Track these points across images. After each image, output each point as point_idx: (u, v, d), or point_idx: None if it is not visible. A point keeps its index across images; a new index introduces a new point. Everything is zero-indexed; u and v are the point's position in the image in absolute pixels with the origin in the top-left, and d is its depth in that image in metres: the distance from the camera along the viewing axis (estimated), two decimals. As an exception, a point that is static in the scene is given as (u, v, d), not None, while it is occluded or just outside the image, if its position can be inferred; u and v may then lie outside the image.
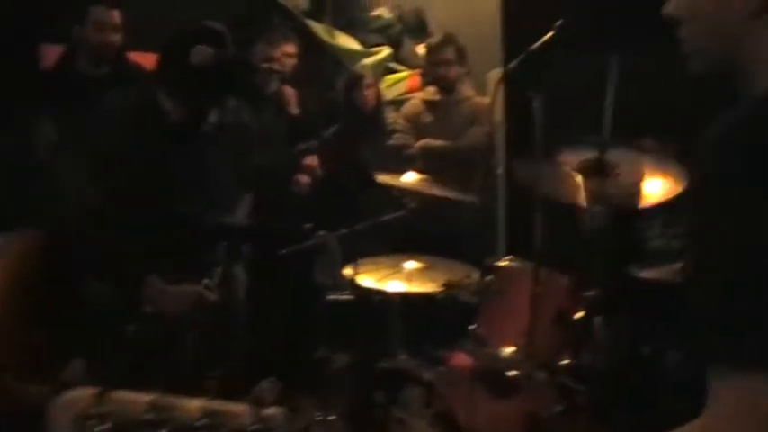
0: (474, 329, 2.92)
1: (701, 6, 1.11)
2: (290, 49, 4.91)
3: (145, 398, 1.19)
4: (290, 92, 4.91)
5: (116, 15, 4.03)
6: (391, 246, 3.86)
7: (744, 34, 1.07)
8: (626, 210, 3.38)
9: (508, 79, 3.35)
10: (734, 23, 1.07)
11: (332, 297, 3.46)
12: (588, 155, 2.89)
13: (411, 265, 3.50)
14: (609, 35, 3.90)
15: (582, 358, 2.80)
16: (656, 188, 2.96)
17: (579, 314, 2.80)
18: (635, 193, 2.94)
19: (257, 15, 5.31)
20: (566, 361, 2.78)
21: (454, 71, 5.00)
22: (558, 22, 2.70)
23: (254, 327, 3.80)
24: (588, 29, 3.32)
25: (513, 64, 2.85)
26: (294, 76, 5.05)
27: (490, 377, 2.77)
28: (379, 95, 5.24)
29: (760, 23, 1.05)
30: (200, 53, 3.44)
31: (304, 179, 4.73)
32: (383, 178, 3.73)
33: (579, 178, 2.90)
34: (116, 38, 4.05)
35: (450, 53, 4.98)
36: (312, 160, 4.82)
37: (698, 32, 1.13)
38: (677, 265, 2.96)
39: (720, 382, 0.96)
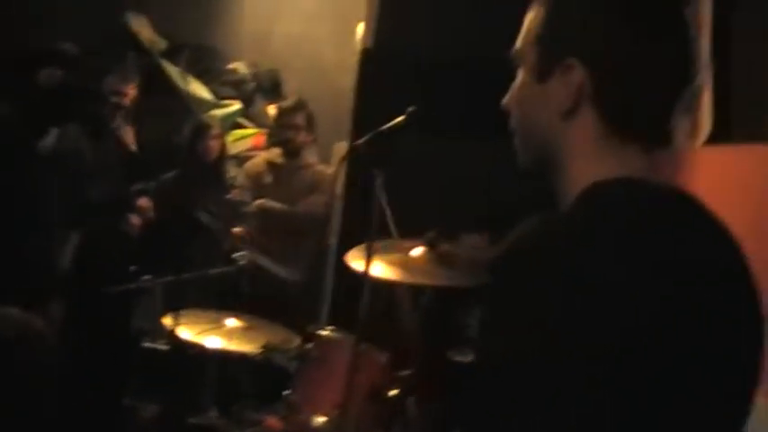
0: (288, 395, 2.92)
1: (524, 103, 1.22)
2: (134, 88, 4.87)
3: None
4: (128, 129, 4.85)
5: None
6: (215, 300, 3.82)
7: (555, 133, 1.18)
8: (449, 295, 3.51)
9: (354, 154, 3.43)
10: (550, 121, 1.18)
11: (148, 345, 3.38)
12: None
13: (232, 322, 3.47)
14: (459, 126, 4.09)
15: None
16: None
17: (394, 392, 2.86)
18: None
19: (113, 47, 5.21)
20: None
21: (302, 137, 5.05)
22: (411, 108, 2.80)
23: (65, 365, 3.64)
24: (439, 117, 3.45)
25: (361, 140, 2.92)
26: (138, 113, 5.00)
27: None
28: (223, 148, 5.22)
29: (569, 124, 1.16)
30: (50, 75, 3.37)
31: (136, 219, 4.64)
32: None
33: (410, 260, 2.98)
34: None
35: (300, 118, 5.04)
36: (146, 202, 4.74)
37: (521, 124, 1.24)
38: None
39: None
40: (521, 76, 1.23)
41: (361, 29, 5.05)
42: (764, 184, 2.45)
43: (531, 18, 1.22)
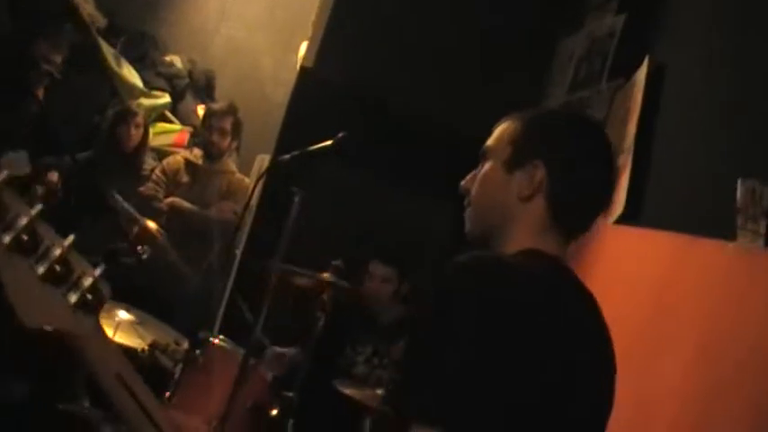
0: (168, 397, 2.88)
1: (489, 185, 1.61)
2: (60, 57, 4.76)
3: None
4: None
5: None
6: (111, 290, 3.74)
7: (510, 210, 1.57)
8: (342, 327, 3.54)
9: (276, 168, 3.44)
10: (507, 201, 1.57)
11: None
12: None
13: (124, 315, 3.41)
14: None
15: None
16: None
17: (275, 411, 2.86)
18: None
19: (52, 17, 5.10)
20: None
21: (226, 142, 5.01)
22: (341, 134, 2.83)
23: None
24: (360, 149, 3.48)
25: (287, 156, 2.93)
26: (65, 87, 4.90)
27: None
28: (144, 138, 5.13)
29: (522, 206, 1.56)
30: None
31: (40, 192, 4.51)
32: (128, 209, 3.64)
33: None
34: None
35: (228, 123, 4.98)
36: (54, 176, 4.62)
37: (479, 202, 1.62)
38: (375, 391, 3.09)
39: None
40: (488, 165, 1.62)
41: (303, 47, 5.08)
42: (663, 270, 2.55)
43: (506, 126, 1.63)
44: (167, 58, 6.40)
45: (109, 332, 3.27)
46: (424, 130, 4.18)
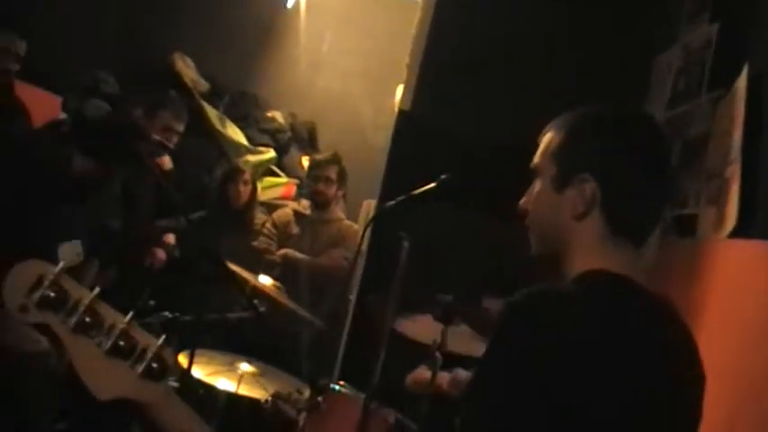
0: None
1: (542, 206, 1.55)
2: (183, 127, 4.94)
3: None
4: (166, 162, 4.92)
5: (22, 46, 4.00)
6: (230, 345, 3.85)
7: (568, 230, 1.50)
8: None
9: (382, 214, 3.48)
10: (563, 222, 1.50)
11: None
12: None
13: (246, 367, 3.50)
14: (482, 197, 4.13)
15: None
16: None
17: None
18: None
19: (156, 85, 5.32)
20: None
21: (332, 190, 5.11)
22: (444, 176, 2.85)
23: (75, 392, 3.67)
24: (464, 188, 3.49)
25: (391, 203, 2.96)
26: (175, 152, 5.08)
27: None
28: (253, 194, 5.29)
29: (579, 224, 1.48)
30: (96, 107, 3.48)
31: (161, 254, 4.69)
32: (241, 273, 3.74)
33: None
34: (13, 66, 4.01)
35: (332, 172, 5.09)
36: (172, 239, 4.79)
37: (537, 224, 1.57)
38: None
39: None
40: (538, 185, 1.56)
41: (400, 90, 5.15)
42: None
43: (548, 139, 1.56)
44: (269, 115, 6.59)
45: (233, 385, 3.36)
46: (526, 163, 4.16)
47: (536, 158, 1.57)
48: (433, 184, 2.75)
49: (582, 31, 4.39)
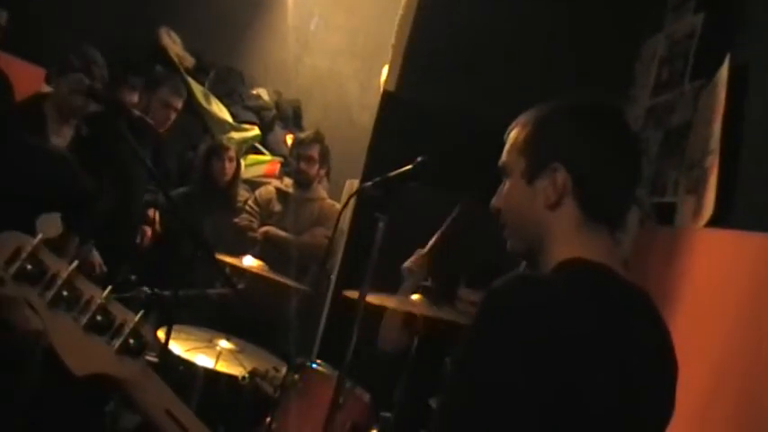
0: (269, 422, 2.95)
1: (515, 201, 1.55)
2: (180, 103, 4.94)
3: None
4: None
5: (2, 16, 3.91)
6: (209, 320, 3.86)
7: (543, 222, 1.51)
8: (436, 343, 3.55)
9: (359, 195, 3.48)
10: (537, 214, 1.51)
11: (137, 355, 3.41)
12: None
13: (224, 344, 3.51)
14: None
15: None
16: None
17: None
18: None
19: (143, 61, 5.30)
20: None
21: (315, 169, 5.12)
22: (420, 158, 2.85)
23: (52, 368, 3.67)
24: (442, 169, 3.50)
25: (368, 183, 2.97)
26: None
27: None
28: (237, 171, 5.28)
29: (553, 214, 1.50)
30: (78, 81, 3.46)
31: (149, 232, 4.69)
32: (223, 257, 3.74)
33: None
34: None
35: (315, 151, 5.09)
36: (154, 214, 4.79)
37: (511, 220, 1.57)
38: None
39: None
40: (509, 182, 1.57)
41: (385, 71, 5.14)
42: (757, 272, 2.49)
43: (513, 136, 1.58)
44: (254, 92, 6.57)
45: (211, 361, 3.38)
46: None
47: (503, 157, 1.59)
48: (409, 167, 2.76)
49: (569, 18, 4.39)
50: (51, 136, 3.70)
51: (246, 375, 3.27)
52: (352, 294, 2.79)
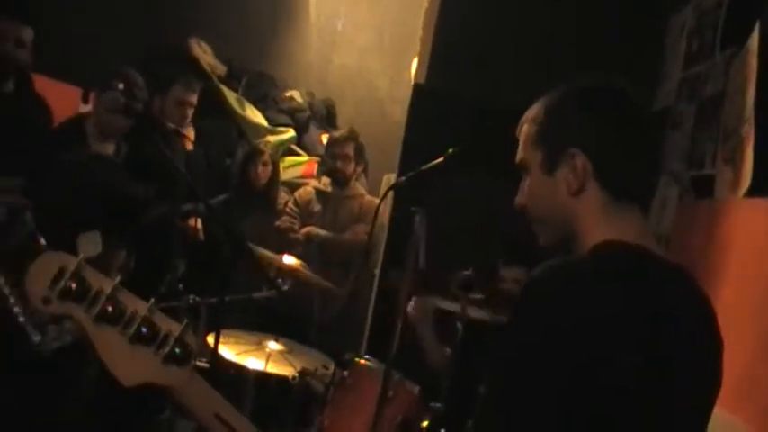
0: (320, 420, 2.98)
1: (538, 195, 1.55)
2: (196, 98, 4.95)
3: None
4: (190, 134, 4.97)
5: (27, 32, 3.86)
6: (257, 323, 3.90)
7: (569, 210, 1.50)
8: (483, 331, 3.55)
9: (394, 190, 3.51)
10: (562, 203, 1.50)
11: (189, 362, 3.46)
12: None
13: (273, 345, 3.55)
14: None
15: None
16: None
17: (425, 423, 2.91)
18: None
19: (174, 72, 5.34)
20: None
21: (351, 167, 5.14)
22: (451, 150, 2.87)
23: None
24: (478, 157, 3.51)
25: (402, 179, 2.99)
26: (194, 136, 5.12)
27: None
28: (274, 174, 5.32)
29: (579, 200, 1.48)
30: (114, 99, 3.53)
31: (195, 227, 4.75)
32: (264, 254, 3.79)
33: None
34: (23, 55, 3.83)
35: (350, 149, 5.11)
36: (195, 222, 4.84)
37: (539, 214, 1.56)
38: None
39: None
40: (529, 178, 1.56)
41: (415, 64, 5.15)
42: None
43: (525, 130, 1.57)
44: (287, 94, 6.61)
45: (261, 363, 3.42)
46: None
47: (519, 153, 1.58)
48: (440, 159, 2.77)
49: (596, 1, 4.37)
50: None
51: (296, 375, 3.31)
52: (395, 288, 2.81)
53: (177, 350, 1.29)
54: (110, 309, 1.25)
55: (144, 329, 1.27)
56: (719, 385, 1.47)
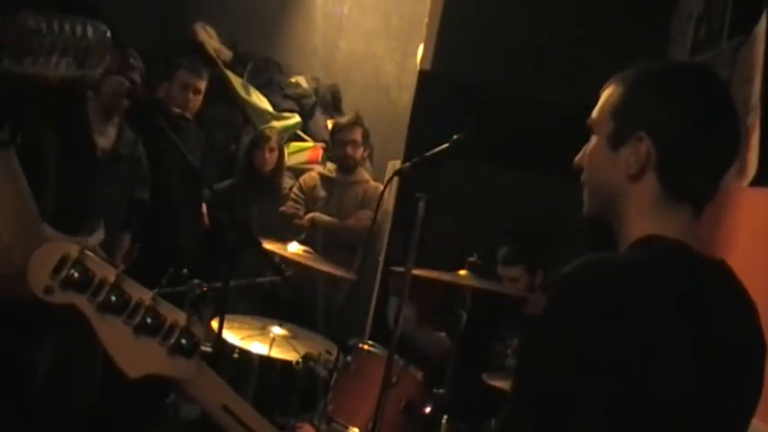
0: (324, 405, 2.99)
1: (596, 164, 1.49)
2: (203, 85, 4.93)
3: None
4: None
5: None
6: (262, 308, 3.91)
7: (622, 192, 1.44)
8: (486, 321, 3.56)
9: (399, 176, 3.50)
10: (616, 182, 1.44)
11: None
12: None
13: (277, 330, 3.56)
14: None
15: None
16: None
17: (427, 409, 2.92)
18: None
19: (178, 55, 5.33)
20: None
21: (360, 153, 5.15)
22: (456, 135, 2.86)
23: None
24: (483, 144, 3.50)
25: (406, 164, 2.99)
26: (199, 122, 5.11)
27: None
28: (280, 160, 5.32)
29: (634, 185, 1.43)
30: (119, 83, 3.53)
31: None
32: (267, 243, 3.78)
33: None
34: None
35: (358, 134, 5.11)
36: (200, 207, 4.85)
37: (591, 182, 1.51)
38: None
39: None
40: (594, 141, 1.50)
41: (421, 50, 5.14)
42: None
43: (608, 94, 1.48)
44: (292, 80, 6.60)
45: (265, 348, 3.43)
46: (549, 113, 4.16)
47: (593, 114, 1.51)
48: (446, 145, 2.77)
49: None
50: (95, 136, 3.77)
51: (300, 360, 3.31)
52: (399, 273, 2.81)
53: (183, 341, 1.27)
54: (113, 298, 1.23)
55: (149, 319, 1.25)
56: (761, 387, 1.43)
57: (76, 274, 1.21)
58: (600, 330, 1.25)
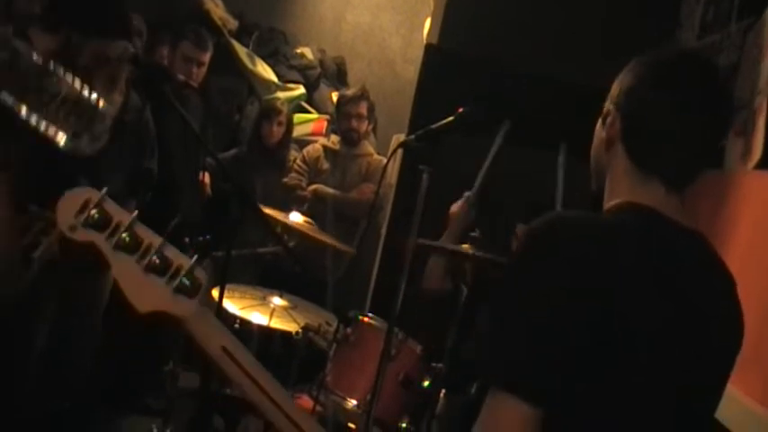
0: (323, 376, 3.01)
1: (594, 141, 1.59)
2: (207, 57, 4.90)
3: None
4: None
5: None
6: (262, 278, 3.92)
7: (603, 162, 1.55)
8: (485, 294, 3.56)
9: (405, 149, 3.49)
10: (600, 153, 1.56)
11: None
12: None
13: (278, 301, 3.57)
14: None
15: (420, 425, 2.93)
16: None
17: (426, 383, 2.93)
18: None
19: (184, 23, 5.31)
20: (404, 424, 2.91)
21: (365, 126, 5.13)
22: (461, 109, 2.85)
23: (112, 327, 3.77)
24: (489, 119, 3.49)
25: (410, 137, 2.98)
26: (204, 91, 5.09)
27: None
28: (287, 133, 5.30)
29: (608, 156, 1.53)
30: (123, 48, 3.51)
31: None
32: (270, 212, 3.79)
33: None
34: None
35: (363, 108, 5.09)
36: (203, 176, 4.83)
37: (591, 159, 1.61)
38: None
39: None
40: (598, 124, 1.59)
41: (428, 24, 5.12)
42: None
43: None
44: (298, 51, 6.58)
45: (265, 318, 3.44)
46: (555, 90, 4.15)
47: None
48: (450, 118, 2.76)
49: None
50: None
51: (300, 331, 3.33)
52: (401, 246, 2.81)
53: (187, 282, 1.38)
54: (128, 239, 1.36)
55: (157, 260, 1.37)
56: (735, 352, 1.49)
57: (96, 215, 1.35)
58: (561, 288, 1.31)
